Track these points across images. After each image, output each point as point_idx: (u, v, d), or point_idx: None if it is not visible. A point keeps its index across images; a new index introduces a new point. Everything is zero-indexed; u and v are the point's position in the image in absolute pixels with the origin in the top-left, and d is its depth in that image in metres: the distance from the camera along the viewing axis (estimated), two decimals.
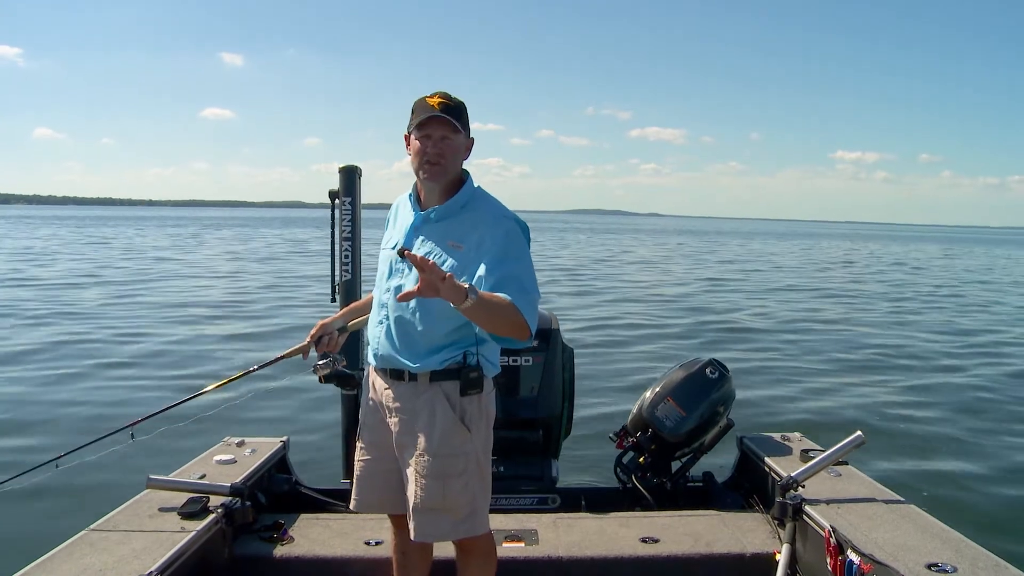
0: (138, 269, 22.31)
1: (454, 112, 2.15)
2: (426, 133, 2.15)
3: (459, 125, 2.16)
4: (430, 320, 2.15)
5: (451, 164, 2.18)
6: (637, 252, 39.66)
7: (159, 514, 2.76)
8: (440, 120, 2.13)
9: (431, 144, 2.15)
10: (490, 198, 2.26)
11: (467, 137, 2.22)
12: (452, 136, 2.15)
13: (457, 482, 2.18)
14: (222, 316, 13.04)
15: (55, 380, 8.00)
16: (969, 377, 9.22)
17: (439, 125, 2.14)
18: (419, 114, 2.14)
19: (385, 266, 2.30)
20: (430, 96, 2.16)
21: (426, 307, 2.13)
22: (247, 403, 3.88)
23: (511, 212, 2.21)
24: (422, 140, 2.16)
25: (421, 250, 2.18)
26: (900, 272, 29.54)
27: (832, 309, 15.90)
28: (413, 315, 2.17)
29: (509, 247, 2.10)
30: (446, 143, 2.15)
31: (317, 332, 2.48)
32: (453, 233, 2.17)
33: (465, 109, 2.20)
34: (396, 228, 2.34)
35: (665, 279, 22.71)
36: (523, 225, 2.19)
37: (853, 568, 2.39)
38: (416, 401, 2.21)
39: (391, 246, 2.30)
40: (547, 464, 3.67)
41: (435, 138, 2.14)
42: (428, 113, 2.13)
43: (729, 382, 3.64)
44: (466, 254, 2.12)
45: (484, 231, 2.12)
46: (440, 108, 2.13)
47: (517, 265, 2.08)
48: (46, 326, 11.47)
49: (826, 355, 10.44)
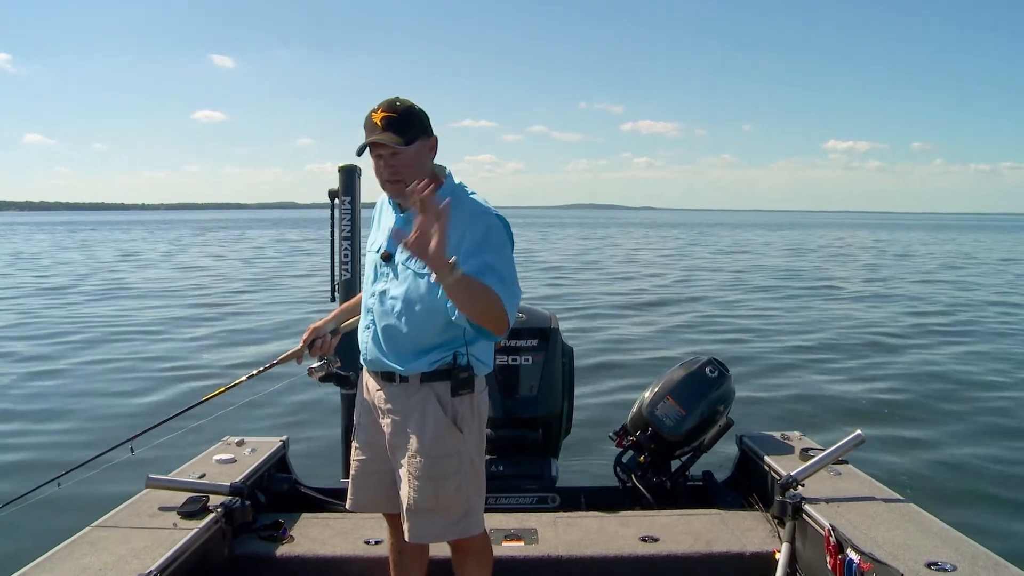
0: (136, 271, 22.31)
1: (397, 125, 2.06)
2: (377, 153, 2.10)
3: (404, 139, 2.06)
4: (416, 323, 2.13)
5: (410, 175, 2.07)
6: (632, 247, 39.63)
7: (159, 513, 2.75)
8: (381, 143, 2.06)
9: (383, 163, 2.10)
10: (470, 196, 2.19)
11: (425, 139, 2.12)
12: (402, 150, 2.06)
13: (450, 483, 2.18)
14: (223, 316, 13.04)
15: (58, 381, 8.01)
16: (970, 378, 9.22)
17: (383, 145, 2.07)
18: (366, 133, 2.09)
19: (370, 270, 2.27)
20: (375, 109, 2.08)
21: (412, 310, 2.12)
22: (247, 403, 3.88)
23: (492, 209, 2.15)
24: (375, 159, 2.12)
25: (404, 253, 2.13)
26: (903, 265, 29.46)
27: (833, 306, 15.90)
28: (399, 319, 2.15)
29: (489, 240, 2.05)
30: (397, 159, 2.08)
31: (309, 336, 2.46)
32: None
33: (415, 112, 2.10)
34: (380, 230, 2.30)
35: (661, 274, 22.70)
36: (504, 222, 2.13)
37: (853, 567, 2.39)
38: (407, 402, 2.20)
39: (375, 249, 2.28)
40: (547, 463, 3.67)
41: (386, 156, 2.09)
42: (371, 135, 2.07)
43: (729, 381, 3.65)
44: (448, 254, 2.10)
45: (464, 229, 2.05)
46: (383, 124, 2.05)
47: (496, 256, 2.03)
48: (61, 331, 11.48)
49: (826, 354, 10.43)
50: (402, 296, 2.15)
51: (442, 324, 2.11)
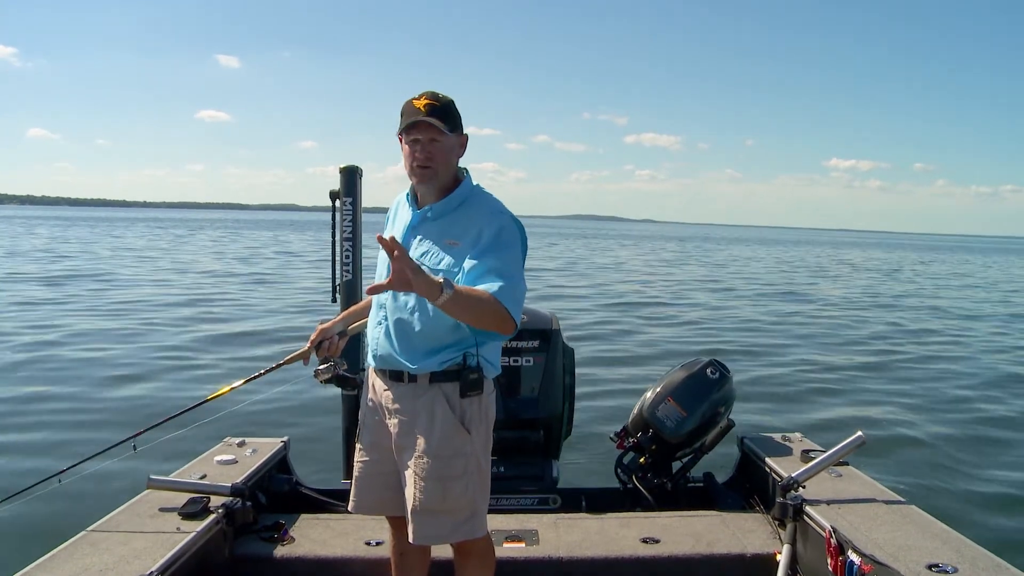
0: (137, 270, 22.33)
1: (441, 113, 2.11)
2: (414, 137, 2.12)
3: (447, 126, 2.12)
4: (429, 321, 2.14)
5: (442, 166, 2.15)
6: (635, 256, 39.65)
7: (160, 514, 2.75)
8: (426, 123, 2.10)
9: (419, 148, 2.12)
10: (488, 196, 2.24)
11: (459, 135, 2.19)
12: (440, 138, 2.12)
13: (457, 484, 2.17)
14: (223, 317, 13.05)
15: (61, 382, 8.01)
16: (970, 378, 9.22)
17: (426, 128, 2.11)
18: (406, 117, 2.12)
19: (383, 267, 2.27)
20: (417, 98, 2.13)
21: (424, 307, 2.12)
22: (248, 403, 3.88)
23: (508, 210, 2.19)
24: (411, 144, 2.14)
25: (419, 249, 2.17)
26: (904, 279, 29.50)
27: (833, 311, 15.89)
28: (411, 315, 2.16)
29: (500, 240, 2.08)
30: (434, 146, 2.13)
31: (317, 337, 2.45)
32: (450, 231, 2.15)
33: (454, 107, 2.16)
34: (395, 228, 2.32)
35: (663, 281, 22.70)
36: (519, 224, 2.17)
37: (854, 568, 2.39)
38: (415, 402, 2.20)
39: None
40: (548, 464, 3.67)
41: (423, 141, 2.12)
42: (414, 117, 2.10)
43: (730, 382, 3.64)
44: (463, 251, 2.10)
45: (483, 225, 2.10)
46: (426, 110, 2.10)
47: (505, 256, 2.06)
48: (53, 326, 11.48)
49: (827, 355, 10.44)
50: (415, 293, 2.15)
51: (454, 322, 2.12)
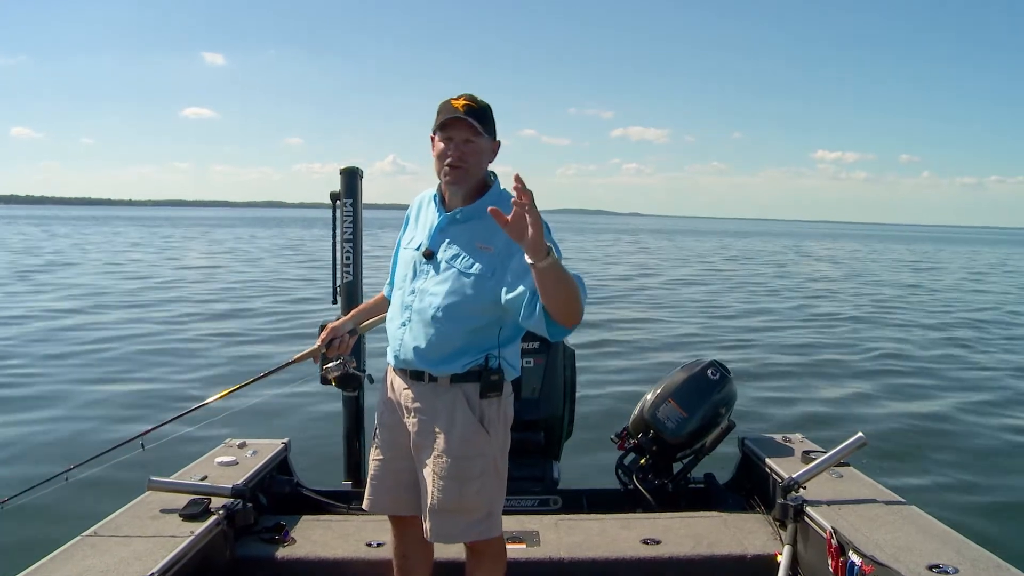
0: (134, 270, 22.34)
1: (478, 114, 2.11)
2: (448, 135, 2.12)
3: (483, 128, 2.11)
4: (453, 322, 2.13)
5: (474, 167, 2.14)
6: (632, 252, 39.64)
7: (160, 516, 2.76)
8: (463, 122, 2.09)
9: (453, 147, 2.11)
10: None
11: (492, 140, 2.19)
12: (475, 139, 2.11)
13: (475, 484, 2.18)
14: (223, 317, 13.05)
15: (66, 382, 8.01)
16: (970, 378, 9.21)
17: (462, 127, 2.10)
18: (442, 115, 2.11)
19: (408, 267, 2.26)
20: (455, 98, 2.12)
21: (451, 308, 2.12)
22: (249, 405, 3.88)
23: None
24: (445, 142, 2.13)
25: (448, 252, 2.16)
26: (904, 272, 29.50)
27: (832, 310, 15.88)
28: (438, 315, 2.15)
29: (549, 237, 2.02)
30: (468, 146, 2.12)
31: (328, 335, 2.44)
32: (481, 235, 2.13)
33: (490, 112, 2.16)
34: (419, 228, 2.30)
35: (661, 279, 22.69)
36: (548, 226, 2.17)
37: (855, 569, 2.39)
38: (436, 402, 2.19)
39: (414, 247, 2.26)
40: (548, 465, 3.67)
41: (457, 141, 2.11)
42: (451, 115, 2.09)
43: (730, 383, 3.64)
44: (494, 256, 2.09)
45: None
46: (464, 110, 2.09)
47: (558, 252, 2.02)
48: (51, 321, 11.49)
49: (828, 356, 10.43)
50: (443, 293, 2.14)
51: (479, 324, 2.12)
